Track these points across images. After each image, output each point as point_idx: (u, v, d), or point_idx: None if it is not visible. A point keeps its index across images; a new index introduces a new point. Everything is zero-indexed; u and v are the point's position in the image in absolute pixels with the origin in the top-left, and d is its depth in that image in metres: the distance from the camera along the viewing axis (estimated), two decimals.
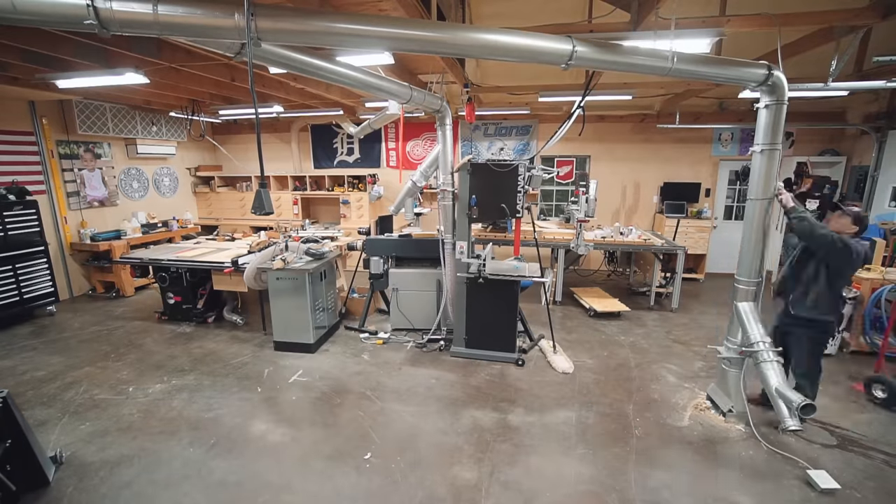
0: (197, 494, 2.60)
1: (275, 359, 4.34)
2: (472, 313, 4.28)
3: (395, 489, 2.63)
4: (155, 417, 3.37)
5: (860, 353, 4.42)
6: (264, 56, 2.68)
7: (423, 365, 4.22)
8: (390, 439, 3.10)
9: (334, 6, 3.17)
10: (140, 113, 6.95)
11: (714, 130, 7.18)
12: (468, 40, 2.60)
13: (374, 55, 3.56)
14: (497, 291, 4.15)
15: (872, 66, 4.00)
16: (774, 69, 2.90)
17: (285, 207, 8.20)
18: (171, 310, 5.30)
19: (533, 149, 7.78)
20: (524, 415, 3.39)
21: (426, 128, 8.01)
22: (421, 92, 3.97)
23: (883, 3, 3.18)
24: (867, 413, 3.46)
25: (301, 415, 3.41)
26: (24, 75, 4.49)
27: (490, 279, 4.09)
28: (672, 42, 2.88)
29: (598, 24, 3.47)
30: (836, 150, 6.89)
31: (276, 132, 8.57)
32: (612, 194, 7.62)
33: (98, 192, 6.61)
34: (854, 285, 4.37)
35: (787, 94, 2.97)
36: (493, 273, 4.10)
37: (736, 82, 3.04)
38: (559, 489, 2.63)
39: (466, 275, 4.17)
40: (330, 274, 4.85)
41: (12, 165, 5.53)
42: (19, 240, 5.26)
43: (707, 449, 3.00)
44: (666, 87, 5.72)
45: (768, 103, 3.01)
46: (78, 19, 2.02)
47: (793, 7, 3.32)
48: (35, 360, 4.35)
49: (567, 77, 5.23)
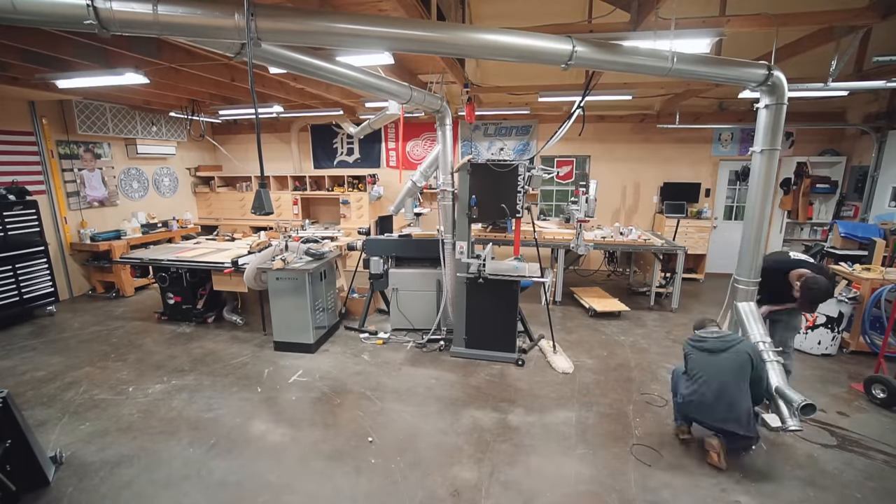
0: (197, 494, 2.60)
1: (275, 359, 4.34)
2: (472, 313, 4.28)
3: (395, 489, 2.63)
4: (155, 417, 3.37)
5: (860, 353, 4.42)
6: (264, 56, 2.68)
7: (423, 365, 4.22)
8: (390, 439, 3.10)
9: (334, 6, 3.17)
10: (140, 113, 6.95)
11: (714, 130, 7.18)
12: (468, 40, 2.60)
13: (374, 55, 3.56)
14: (497, 291, 4.15)
15: (872, 66, 4.01)
16: (774, 69, 2.90)
17: (285, 207, 8.20)
18: (171, 310, 5.30)
19: (533, 149, 7.78)
20: (524, 415, 3.39)
21: (426, 128, 8.01)
22: (421, 92, 3.97)
23: (883, 3, 3.18)
24: (867, 413, 3.46)
25: (301, 415, 3.41)
26: (24, 75, 4.49)
27: (490, 279, 4.09)
28: (672, 42, 2.88)
29: (598, 25, 3.47)
30: (836, 150, 6.89)
31: (275, 132, 8.57)
32: (612, 194, 7.62)
33: (98, 192, 6.61)
34: (854, 285, 4.37)
35: (787, 94, 2.97)
36: (493, 273, 4.10)
37: (736, 82, 3.04)
38: (559, 489, 2.63)
39: (466, 275, 4.17)
40: (330, 274, 4.85)
41: (12, 165, 5.53)
42: (19, 240, 5.26)
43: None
44: (666, 87, 5.72)
45: (768, 104, 3.01)
46: (78, 19, 2.02)
47: (793, 7, 3.32)
48: (35, 360, 4.35)
49: (567, 77, 5.23)
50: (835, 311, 4.27)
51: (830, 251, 5.32)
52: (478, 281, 4.10)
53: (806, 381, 3.93)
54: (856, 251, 5.09)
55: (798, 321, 3.39)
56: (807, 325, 4.40)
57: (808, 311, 3.35)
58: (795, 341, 3.58)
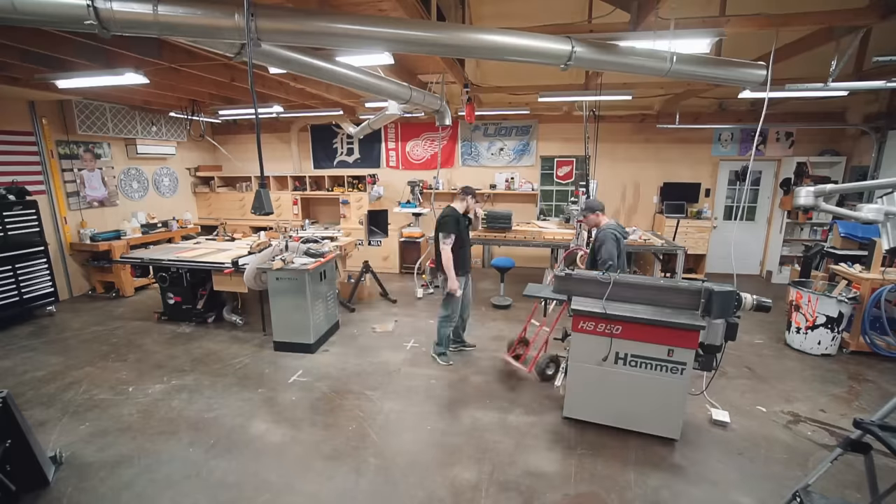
0: (197, 495, 2.60)
1: (274, 359, 4.34)
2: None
3: (395, 489, 2.63)
4: (155, 418, 3.37)
5: (860, 353, 4.42)
6: (264, 56, 2.68)
7: (423, 365, 4.22)
8: (390, 439, 3.10)
9: (334, 6, 3.17)
10: (140, 113, 6.95)
11: (714, 130, 7.18)
12: (468, 40, 2.60)
13: (373, 55, 3.56)
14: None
15: (872, 66, 4.00)
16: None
17: (285, 207, 8.19)
18: (171, 310, 5.30)
19: (533, 149, 7.79)
20: (524, 415, 3.39)
21: (426, 128, 8.01)
22: (421, 92, 3.98)
23: (883, 3, 3.18)
24: (867, 413, 3.45)
25: (301, 415, 3.41)
26: (24, 75, 4.49)
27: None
28: (671, 42, 2.89)
29: (598, 25, 3.47)
30: (835, 150, 6.89)
31: (275, 132, 8.57)
32: (612, 194, 7.62)
33: (98, 192, 6.61)
34: (854, 285, 4.37)
35: (786, 94, 2.97)
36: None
37: (735, 83, 3.05)
38: (559, 489, 2.63)
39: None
40: (330, 274, 4.85)
41: (12, 165, 5.53)
42: (19, 240, 5.26)
43: (709, 449, 3.00)
44: (666, 87, 5.72)
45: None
46: (78, 19, 2.02)
47: (793, 7, 3.32)
48: (35, 360, 4.35)
49: (567, 77, 5.23)
50: (835, 311, 4.27)
51: (830, 251, 5.32)
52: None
53: (806, 381, 3.94)
54: (856, 251, 5.09)
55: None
56: (807, 325, 4.40)
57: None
58: (796, 341, 3.52)
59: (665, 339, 2.86)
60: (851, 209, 2.38)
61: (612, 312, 2.91)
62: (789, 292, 4.73)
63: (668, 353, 2.87)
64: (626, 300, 3.09)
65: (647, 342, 2.91)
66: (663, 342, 2.87)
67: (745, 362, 4.30)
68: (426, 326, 5.15)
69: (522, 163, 7.88)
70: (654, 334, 2.88)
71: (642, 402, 3.02)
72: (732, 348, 4.38)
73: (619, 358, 3.00)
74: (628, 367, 2.99)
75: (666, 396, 2.95)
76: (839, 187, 2.45)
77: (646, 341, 2.91)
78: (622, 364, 3.00)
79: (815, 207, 2.42)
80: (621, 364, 3.00)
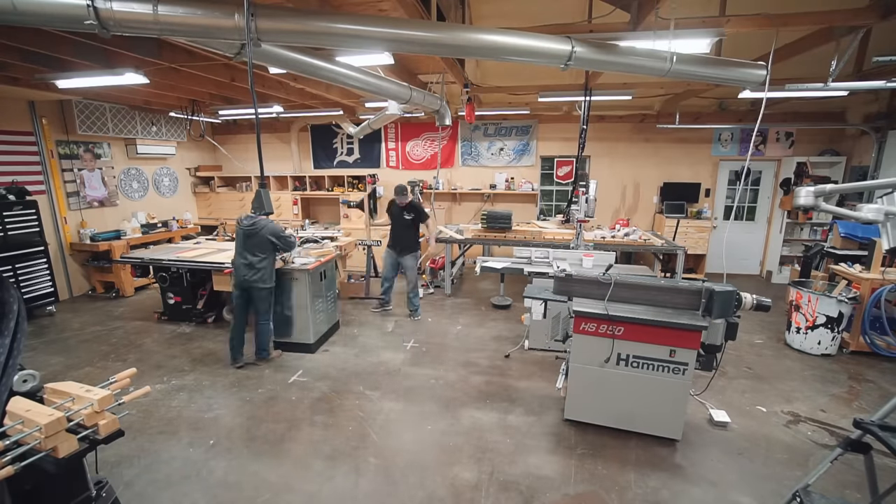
0: (197, 494, 2.60)
1: (274, 359, 4.34)
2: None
3: (395, 489, 2.63)
4: (155, 417, 3.37)
5: (860, 353, 4.42)
6: (264, 56, 2.68)
7: (424, 365, 4.22)
8: (390, 439, 3.10)
9: (334, 6, 3.17)
10: (140, 113, 6.95)
11: (714, 130, 7.18)
12: (468, 40, 2.60)
13: (373, 55, 3.56)
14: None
15: (872, 66, 4.00)
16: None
17: (285, 207, 8.19)
18: (171, 310, 5.30)
19: (532, 149, 7.79)
20: (524, 415, 3.39)
21: (426, 128, 8.01)
22: (420, 92, 3.98)
23: (883, 3, 3.18)
24: (867, 413, 3.45)
25: (301, 415, 3.41)
26: (24, 75, 4.49)
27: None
28: (671, 42, 2.89)
29: (598, 25, 3.47)
30: (835, 150, 6.89)
31: (275, 132, 8.57)
32: (611, 194, 7.63)
33: (98, 192, 6.61)
34: (854, 285, 4.37)
35: (786, 94, 2.97)
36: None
37: (735, 83, 3.05)
38: (559, 489, 2.63)
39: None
40: (330, 274, 4.85)
41: (12, 165, 5.53)
42: (19, 240, 5.26)
43: (709, 449, 3.00)
44: (666, 87, 5.73)
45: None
46: (78, 19, 2.02)
47: (793, 7, 3.32)
48: (35, 360, 4.35)
49: (567, 77, 5.23)
50: (835, 311, 4.27)
51: (830, 251, 5.32)
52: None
53: (806, 381, 3.94)
54: (856, 251, 5.09)
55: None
56: (807, 325, 4.40)
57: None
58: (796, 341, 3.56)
59: (667, 340, 2.86)
60: (851, 209, 2.38)
61: (615, 313, 2.91)
62: (789, 292, 4.73)
63: (671, 354, 2.87)
64: (627, 301, 3.09)
65: (649, 343, 2.90)
66: (665, 343, 2.87)
67: (746, 362, 4.30)
68: (426, 326, 5.15)
69: (522, 163, 7.88)
70: (656, 335, 2.87)
71: (644, 403, 3.02)
72: (732, 348, 4.38)
73: (621, 359, 2.99)
74: (630, 369, 2.99)
75: (668, 397, 2.95)
76: (839, 187, 2.46)
77: (648, 342, 2.90)
78: (624, 365, 3.00)
79: (815, 207, 2.42)
80: (623, 365, 3.00)
